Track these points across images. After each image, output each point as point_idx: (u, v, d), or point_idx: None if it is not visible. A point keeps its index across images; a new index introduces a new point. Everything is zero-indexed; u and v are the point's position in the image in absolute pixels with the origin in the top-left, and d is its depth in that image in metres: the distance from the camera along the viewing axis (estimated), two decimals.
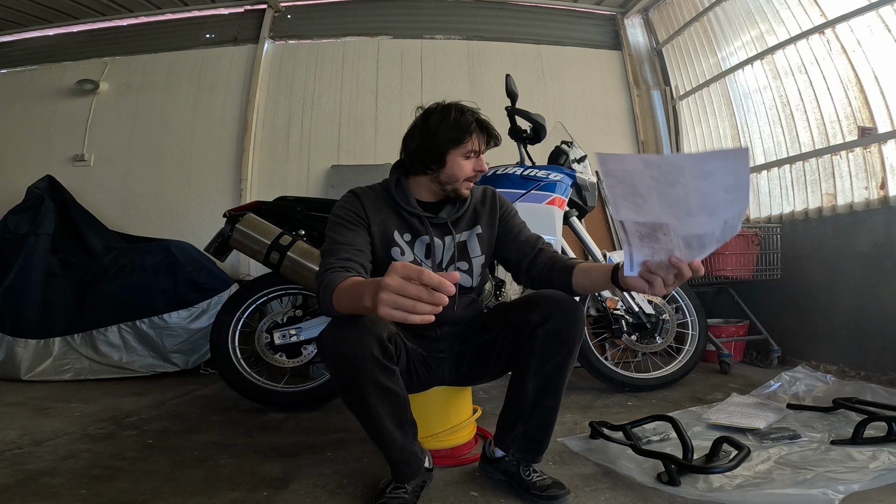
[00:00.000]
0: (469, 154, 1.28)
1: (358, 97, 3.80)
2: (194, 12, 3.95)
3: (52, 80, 3.83)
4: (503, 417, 1.29)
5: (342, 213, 1.26)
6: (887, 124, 2.40)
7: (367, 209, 1.28)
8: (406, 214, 1.31)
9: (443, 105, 1.28)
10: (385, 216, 1.30)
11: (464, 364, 1.36)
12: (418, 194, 1.33)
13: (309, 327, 2.05)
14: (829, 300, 2.57)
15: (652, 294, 1.12)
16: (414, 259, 1.30)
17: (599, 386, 2.28)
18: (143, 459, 1.46)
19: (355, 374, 1.04)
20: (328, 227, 1.24)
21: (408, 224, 1.31)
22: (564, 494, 1.17)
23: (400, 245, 1.29)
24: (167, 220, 3.61)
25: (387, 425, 1.11)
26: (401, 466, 1.15)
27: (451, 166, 1.27)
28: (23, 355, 2.58)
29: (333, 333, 1.05)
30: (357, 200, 1.29)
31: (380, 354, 1.05)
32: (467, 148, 1.27)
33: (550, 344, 1.16)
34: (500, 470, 1.28)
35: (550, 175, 2.09)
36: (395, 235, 1.30)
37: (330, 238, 1.21)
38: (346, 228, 1.23)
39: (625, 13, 4.00)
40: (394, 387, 1.10)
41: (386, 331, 1.08)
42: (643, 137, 3.84)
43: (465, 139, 1.26)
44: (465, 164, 1.28)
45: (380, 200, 1.31)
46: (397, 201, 1.30)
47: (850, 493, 1.11)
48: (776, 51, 2.98)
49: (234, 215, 2.05)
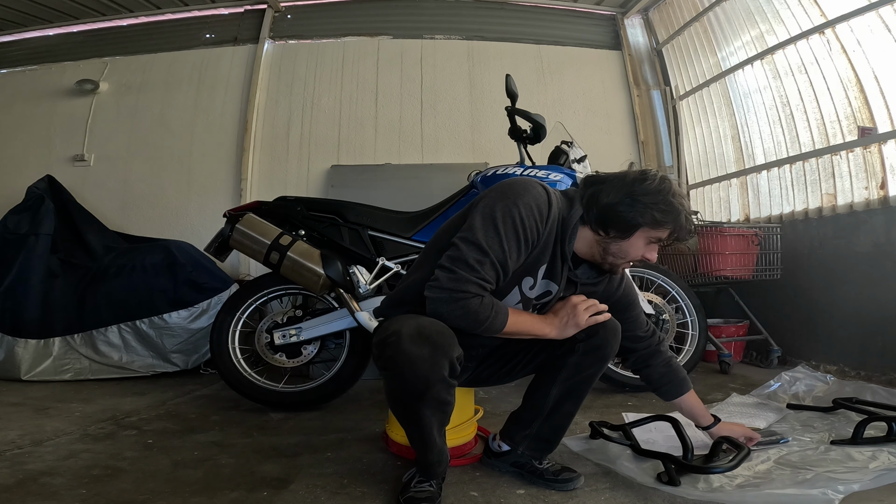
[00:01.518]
0: (653, 240, 1.16)
1: (358, 97, 3.80)
2: (194, 12, 3.94)
3: (52, 80, 3.83)
4: (518, 416, 1.32)
5: (528, 224, 1.08)
6: (887, 124, 2.40)
7: (544, 232, 1.13)
8: (559, 257, 1.18)
9: (660, 177, 1.14)
10: (546, 246, 1.16)
11: (484, 369, 1.37)
12: (577, 244, 1.19)
13: (309, 327, 2.05)
14: (829, 300, 2.57)
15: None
16: (531, 299, 1.22)
17: (599, 386, 2.27)
18: (143, 459, 1.46)
19: (424, 392, 1.04)
20: (503, 216, 1.06)
21: (553, 265, 1.19)
22: (577, 477, 1.25)
23: (536, 279, 1.19)
24: (167, 220, 3.61)
25: (433, 432, 1.12)
26: (434, 466, 1.17)
27: (630, 244, 1.15)
28: (23, 355, 2.58)
29: (404, 348, 1.00)
30: (547, 214, 1.12)
31: (449, 375, 1.05)
32: (658, 234, 1.15)
33: (587, 358, 1.22)
34: (508, 462, 1.33)
35: (550, 175, 2.09)
36: (540, 269, 1.18)
37: (498, 240, 1.05)
38: (517, 247, 1.08)
39: (625, 13, 4.00)
40: (451, 398, 1.10)
41: (457, 351, 1.07)
42: (643, 137, 3.84)
43: (665, 226, 1.13)
44: (643, 248, 1.16)
45: (555, 226, 1.15)
46: (564, 240, 1.16)
47: (850, 493, 1.11)
48: (776, 51, 2.98)
49: (234, 215, 2.05)
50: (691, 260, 2.85)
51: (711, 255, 2.76)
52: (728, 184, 3.43)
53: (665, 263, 2.88)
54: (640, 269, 2.34)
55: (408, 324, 1.03)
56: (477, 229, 1.06)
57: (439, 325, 1.06)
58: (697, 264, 2.81)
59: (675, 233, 1.15)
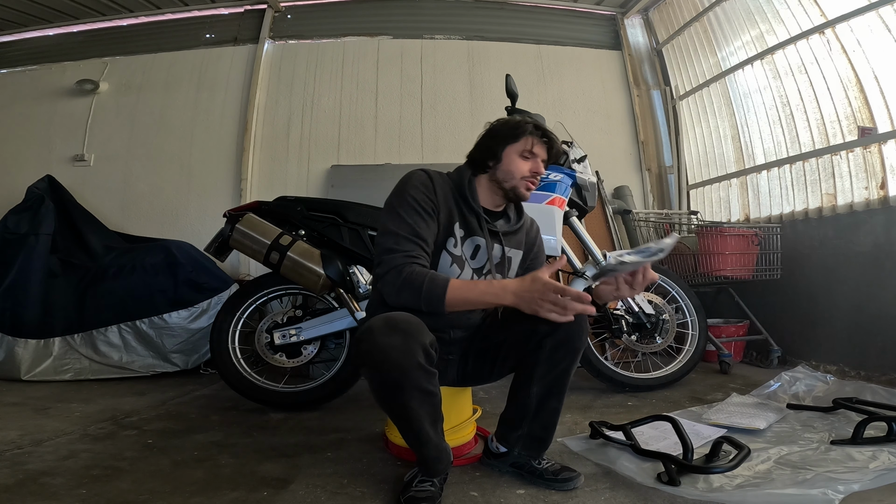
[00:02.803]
0: (525, 153, 1.31)
1: (358, 97, 3.80)
2: (194, 12, 3.94)
3: (52, 80, 3.83)
4: (507, 418, 1.33)
5: (419, 197, 1.24)
6: (887, 124, 2.40)
7: (438, 195, 1.28)
8: (467, 211, 1.32)
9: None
10: (451, 206, 1.31)
11: (468, 365, 1.39)
12: (482, 198, 1.35)
13: (309, 327, 2.05)
14: (829, 300, 2.57)
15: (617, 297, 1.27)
16: (461, 255, 1.31)
17: (599, 386, 2.28)
18: (143, 459, 1.46)
19: (402, 381, 1.06)
20: (399, 203, 1.23)
21: (466, 221, 1.32)
22: (577, 476, 1.25)
23: (456, 237, 1.30)
24: (167, 220, 3.61)
25: (425, 426, 1.13)
26: (433, 463, 1.18)
27: (507, 162, 1.31)
28: (23, 355, 2.58)
29: (381, 342, 1.05)
30: (431, 185, 1.28)
31: (424, 361, 1.07)
32: (522, 146, 1.30)
33: (557, 352, 1.21)
34: (507, 463, 1.33)
35: (550, 175, 2.09)
36: (455, 227, 1.31)
37: (405, 221, 1.21)
38: (421, 217, 1.23)
39: (625, 13, 4.00)
40: (434, 388, 1.12)
41: (429, 338, 1.10)
42: (643, 137, 3.84)
43: (521, 136, 1.30)
44: (520, 163, 1.31)
45: (448, 189, 1.32)
46: (465, 195, 1.32)
47: (850, 493, 1.11)
48: (776, 51, 2.98)
49: (234, 215, 2.05)
50: (691, 260, 2.85)
51: (711, 255, 2.76)
52: (728, 184, 3.43)
53: (665, 263, 2.88)
54: None
55: (377, 319, 1.09)
56: (385, 223, 1.24)
57: (407, 315, 1.12)
58: (697, 264, 2.81)
59: (546, 145, 1.32)
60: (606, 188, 3.51)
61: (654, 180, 3.84)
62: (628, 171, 3.81)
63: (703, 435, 1.53)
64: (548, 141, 1.33)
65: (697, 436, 1.50)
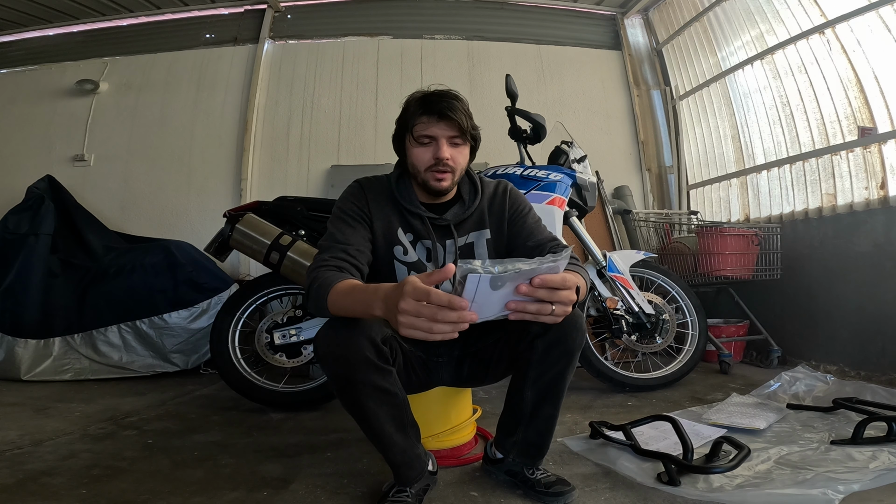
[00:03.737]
0: (421, 139, 1.17)
1: (358, 97, 3.80)
2: (194, 12, 3.95)
3: (52, 80, 3.83)
4: (503, 423, 1.27)
5: (345, 207, 1.22)
6: (887, 124, 2.40)
7: (370, 203, 1.23)
8: (407, 214, 1.25)
9: None
10: (389, 212, 1.24)
11: (465, 367, 1.34)
12: (420, 196, 1.27)
13: (309, 327, 2.05)
14: (829, 300, 2.57)
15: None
16: (417, 260, 1.25)
17: (599, 386, 2.28)
18: (143, 459, 1.46)
19: (350, 375, 1.03)
20: (329, 220, 1.21)
21: (409, 224, 1.25)
22: (570, 491, 1.17)
23: (403, 244, 1.24)
24: (167, 220, 3.61)
25: (386, 427, 1.09)
26: (402, 469, 1.13)
27: (409, 155, 1.21)
28: (23, 355, 2.58)
29: (328, 335, 1.03)
30: (361, 193, 1.24)
31: (374, 356, 1.03)
32: (416, 131, 1.17)
33: (550, 354, 1.11)
34: (503, 470, 1.27)
35: (550, 175, 2.09)
36: (398, 234, 1.24)
37: (329, 233, 1.18)
38: (347, 224, 1.19)
39: (625, 13, 4.00)
40: (391, 387, 1.08)
41: (381, 333, 1.05)
42: (643, 137, 3.84)
43: (411, 122, 1.18)
44: (416, 152, 1.19)
45: (384, 195, 1.25)
46: (398, 199, 1.25)
47: (850, 493, 1.11)
48: (776, 51, 2.98)
49: (234, 215, 2.05)
50: (691, 260, 2.85)
51: (711, 255, 2.76)
52: (728, 184, 3.43)
53: (665, 263, 2.88)
54: (640, 270, 2.35)
55: (332, 318, 1.05)
56: (324, 237, 1.20)
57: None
58: (697, 264, 2.81)
59: (427, 114, 1.15)
60: (606, 188, 3.51)
61: (654, 180, 3.84)
62: (628, 171, 3.81)
63: (704, 435, 1.53)
64: (440, 112, 1.14)
65: (697, 436, 1.50)
